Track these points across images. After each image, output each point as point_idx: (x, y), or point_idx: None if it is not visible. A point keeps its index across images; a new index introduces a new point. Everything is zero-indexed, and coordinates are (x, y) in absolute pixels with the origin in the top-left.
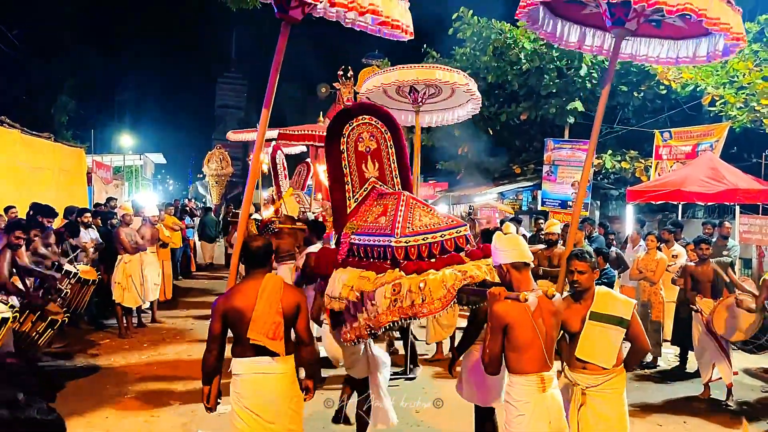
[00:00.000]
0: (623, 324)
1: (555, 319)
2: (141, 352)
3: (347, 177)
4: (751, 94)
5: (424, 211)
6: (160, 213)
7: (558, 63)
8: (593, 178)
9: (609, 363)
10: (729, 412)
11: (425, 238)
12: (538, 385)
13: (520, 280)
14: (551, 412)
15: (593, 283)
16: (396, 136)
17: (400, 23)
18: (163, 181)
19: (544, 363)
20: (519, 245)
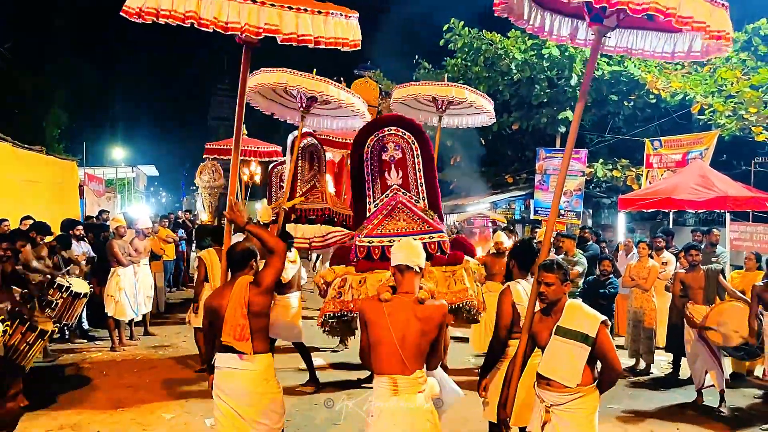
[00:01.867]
0: (588, 341)
1: (421, 325)
2: (133, 365)
3: (368, 184)
4: (740, 102)
5: (406, 216)
6: (154, 225)
7: (548, 73)
8: (585, 187)
9: (572, 381)
10: (721, 419)
11: (391, 241)
12: (390, 388)
13: (401, 282)
14: (397, 417)
15: (564, 296)
16: (423, 146)
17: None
18: (156, 194)
19: (399, 366)
20: (405, 250)
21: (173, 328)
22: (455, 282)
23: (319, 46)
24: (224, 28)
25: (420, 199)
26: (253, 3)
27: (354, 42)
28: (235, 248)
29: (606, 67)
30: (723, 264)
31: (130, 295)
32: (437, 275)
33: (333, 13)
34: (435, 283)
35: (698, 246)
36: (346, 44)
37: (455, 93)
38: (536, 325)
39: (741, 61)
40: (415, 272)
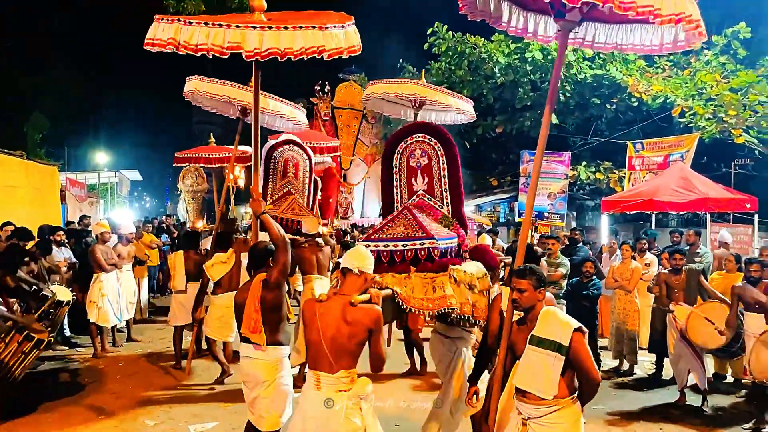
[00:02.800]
0: (561, 350)
1: (349, 327)
2: (116, 372)
3: (396, 189)
4: (719, 105)
5: (405, 222)
6: (138, 230)
7: (531, 76)
8: (569, 189)
9: (547, 393)
10: (704, 418)
11: (386, 245)
12: (314, 382)
13: (342, 284)
14: (311, 410)
15: (539, 303)
16: (449, 153)
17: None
18: (140, 199)
19: (325, 364)
20: (350, 254)
21: (157, 334)
22: (434, 289)
23: (322, 55)
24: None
25: (444, 205)
26: (258, 29)
27: (352, 48)
28: (257, 247)
29: (588, 70)
30: (706, 264)
31: (113, 301)
32: (414, 281)
33: (330, 26)
34: (411, 289)
35: (683, 250)
36: (346, 51)
37: (429, 95)
38: (514, 335)
39: (720, 65)
40: (355, 275)
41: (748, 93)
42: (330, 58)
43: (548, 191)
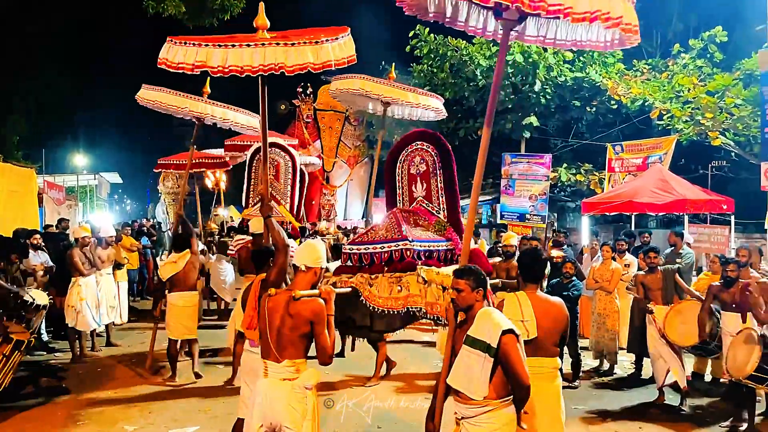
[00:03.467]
0: (490, 351)
1: (292, 320)
2: (95, 377)
3: (399, 196)
4: (696, 108)
5: (388, 225)
6: (117, 234)
7: (513, 79)
8: (550, 191)
9: (476, 394)
10: (683, 417)
11: (367, 248)
12: (263, 370)
13: (293, 279)
14: (259, 396)
15: (477, 303)
16: (445, 160)
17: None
18: (120, 201)
19: (271, 354)
20: (299, 250)
21: (137, 338)
22: (400, 288)
23: (318, 71)
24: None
25: (441, 210)
26: (262, 46)
27: (350, 58)
28: (259, 249)
29: (569, 73)
30: (686, 265)
31: (92, 305)
32: (381, 281)
33: (325, 40)
34: (377, 288)
35: (657, 248)
36: (342, 63)
37: (394, 94)
38: (457, 335)
39: (697, 68)
40: (303, 271)
41: (724, 96)
42: (337, 67)
43: (530, 193)
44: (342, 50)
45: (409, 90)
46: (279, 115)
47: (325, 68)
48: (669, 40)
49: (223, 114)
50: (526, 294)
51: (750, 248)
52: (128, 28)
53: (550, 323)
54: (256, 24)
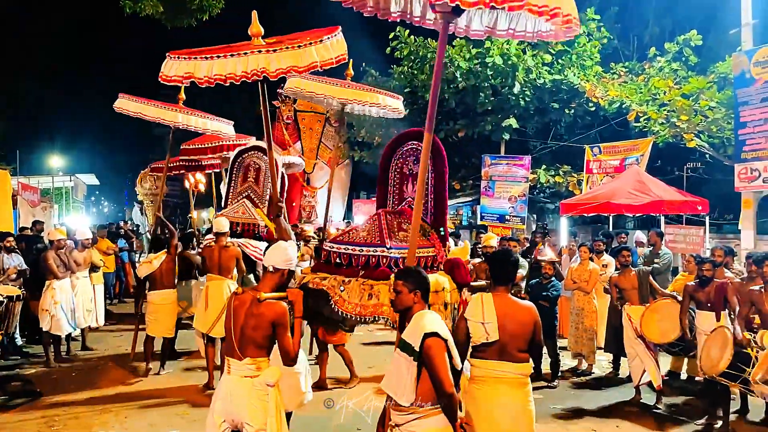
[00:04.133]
0: (414, 355)
1: (254, 320)
2: (69, 381)
3: (390, 195)
4: (672, 110)
5: (369, 227)
6: (93, 236)
7: (492, 81)
8: (529, 193)
9: (403, 399)
10: (659, 415)
11: (346, 249)
12: (226, 367)
13: (262, 279)
14: (221, 392)
15: (414, 306)
16: (437, 163)
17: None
18: (97, 203)
19: (234, 351)
20: (269, 251)
21: (113, 342)
22: (370, 296)
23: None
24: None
25: (428, 213)
26: (245, 54)
27: (338, 58)
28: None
29: (547, 75)
30: (664, 265)
31: (67, 309)
32: (352, 286)
33: (317, 41)
34: (347, 293)
35: (629, 247)
36: (330, 63)
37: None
38: (398, 338)
39: (673, 71)
40: (270, 272)
41: (698, 99)
42: (323, 68)
43: (509, 194)
44: (328, 51)
45: (366, 90)
46: (258, 116)
47: (311, 69)
48: (645, 43)
49: (195, 122)
50: (491, 296)
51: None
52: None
53: (514, 327)
54: (251, 32)
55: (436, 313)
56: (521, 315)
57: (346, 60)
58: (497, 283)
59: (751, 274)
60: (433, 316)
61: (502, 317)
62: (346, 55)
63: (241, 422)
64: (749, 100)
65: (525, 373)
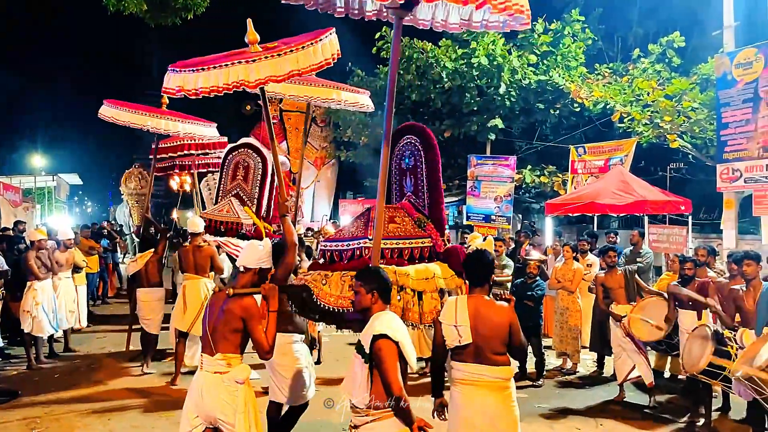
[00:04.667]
0: (365, 357)
1: (225, 315)
2: (51, 384)
3: (393, 191)
4: (655, 111)
5: (359, 223)
6: (76, 236)
7: (478, 81)
8: (515, 193)
9: (358, 401)
10: (643, 413)
11: (336, 246)
12: (200, 363)
13: (236, 278)
14: (197, 386)
15: (372, 306)
16: (429, 155)
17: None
18: (81, 203)
19: (207, 347)
20: (242, 253)
21: (96, 344)
22: (351, 288)
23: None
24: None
25: (425, 206)
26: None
27: (322, 63)
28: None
29: (533, 76)
30: (646, 264)
31: (49, 310)
32: (333, 279)
33: (289, 51)
34: (328, 286)
35: (615, 247)
36: (308, 71)
37: (311, 93)
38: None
39: (656, 72)
40: (242, 271)
41: (681, 100)
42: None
43: (495, 194)
44: (308, 58)
45: (332, 87)
46: (245, 116)
47: (291, 77)
48: (629, 44)
49: (175, 126)
50: (466, 298)
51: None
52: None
53: (487, 329)
54: (248, 40)
55: (393, 314)
56: (495, 317)
57: (331, 64)
58: (473, 285)
59: (732, 272)
60: (387, 318)
61: (475, 319)
62: (331, 60)
63: (213, 417)
64: (731, 102)
65: (503, 376)
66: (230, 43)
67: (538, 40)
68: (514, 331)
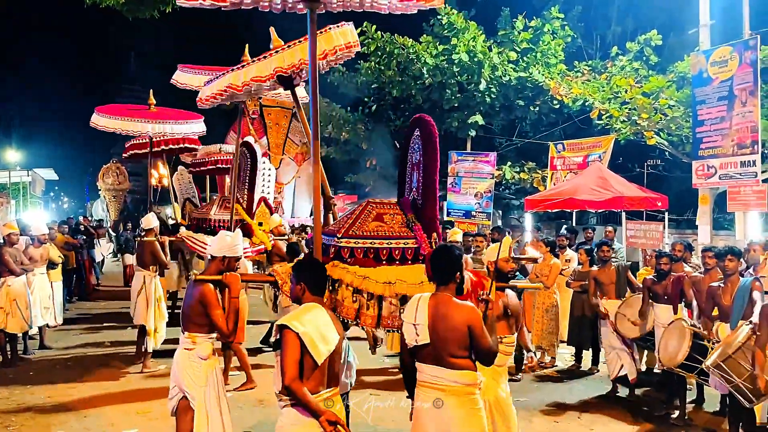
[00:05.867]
0: (275, 346)
1: (190, 300)
2: (27, 381)
3: (405, 186)
4: (633, 108)
5: (343, 218)
6: (51, 232)
7: (459, 78)
8: (495, 189)
9: (275, 386)
10: (620, 406)
11: (329, 240)
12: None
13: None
14: (174, 360)
15: (303, 297)
16: (426, 149)
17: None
18: (57, 199)
19: (182, 325)
20: (212, 243)
21: (73, 341)
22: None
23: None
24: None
25: (417, 204)
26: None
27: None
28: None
29: (513, 73)
30: (621, 259)
31: (23, 306)
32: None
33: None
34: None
35: (609, 242)
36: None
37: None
38: None
39: (634, 70)
40: (209, 259)
41: (658, 97)
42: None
43: (475, 190)
44: (266, 67)
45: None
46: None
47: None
48: (608, 42)
49: (165, 129)
50: (429, 296)
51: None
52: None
53: (445, 330)
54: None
55: (316, 307)
56: (454, 317)
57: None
58: (437, 283)
59: (707, 266)
60: (303, 309)
61: (434, 318)
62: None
63: (182, 388)
64: (706, 99)
65: (463, 381)
66: (208, 35)
67: (518, 38)
68: (475, 335)
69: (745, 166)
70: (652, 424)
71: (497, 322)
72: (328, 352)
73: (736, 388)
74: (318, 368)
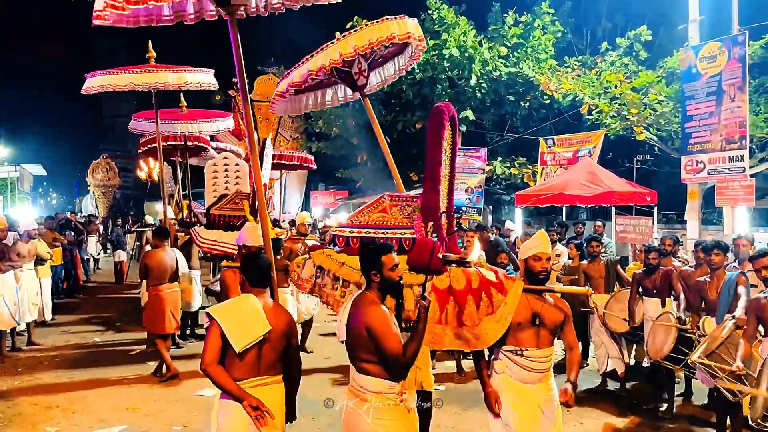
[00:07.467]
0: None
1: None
2: (14, 377)
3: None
4: (623, 104)
5: (359, 210)
6: (39, 227)
7: (449, 73)
8: (485, 184)
9: None
10: (608, 399)
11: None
12: None
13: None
14: None
15: (245, 287)
16: (432, 135)
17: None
18: (45, 195)
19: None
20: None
21: (60, 338)
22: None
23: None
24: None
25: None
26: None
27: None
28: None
29: (503, 68)
30: (610, 254)
31: (11, 302)
32: (308, 263)
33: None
34: (301, 269)
35: (599, 237)
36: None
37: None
38: None
39: (624, 65)
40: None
41: (648, 92)
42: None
43: (466, 186)
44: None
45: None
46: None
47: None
48: (598, 38)
49: (172, 78)
50: (358, 293)
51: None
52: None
53: (350, 332)
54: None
55: (249, 297)
56: (358, 318)
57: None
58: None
59: (699, 261)
60: (232, 299)
61: (349, 318)
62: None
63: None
64: (695, 95)
65: (363, 386)
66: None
67: (508, 33)
68: (374, 339)
69: (733, 161)
70: (640, 417)
71: (521, 330)
72: (250, 341)
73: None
74: (245, 356)
